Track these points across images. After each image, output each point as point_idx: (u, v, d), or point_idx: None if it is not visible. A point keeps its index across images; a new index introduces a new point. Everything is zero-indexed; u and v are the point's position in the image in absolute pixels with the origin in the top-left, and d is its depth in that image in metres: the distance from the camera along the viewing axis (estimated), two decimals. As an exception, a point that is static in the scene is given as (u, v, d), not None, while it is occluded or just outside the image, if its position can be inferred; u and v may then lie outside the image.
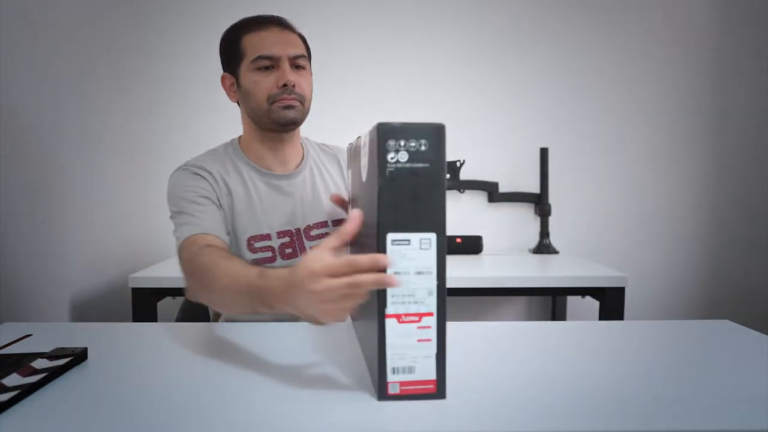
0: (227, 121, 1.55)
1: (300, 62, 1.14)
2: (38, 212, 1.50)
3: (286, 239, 1.14)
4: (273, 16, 1.16)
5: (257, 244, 1.12)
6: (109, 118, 1.99)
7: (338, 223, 1.18)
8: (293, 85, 1.11)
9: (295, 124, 1.14)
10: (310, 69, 1.19)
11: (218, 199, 1.11)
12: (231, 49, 1.15)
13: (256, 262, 1.08)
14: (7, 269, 1.32)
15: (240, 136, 1.22)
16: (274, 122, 1.12)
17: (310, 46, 1.20)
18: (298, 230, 1.16)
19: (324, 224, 1.18)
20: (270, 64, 1.11)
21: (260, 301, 0.75)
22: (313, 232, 1.17)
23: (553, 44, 2.28)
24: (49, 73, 1.55)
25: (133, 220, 2.18)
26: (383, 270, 0.64)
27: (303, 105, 1.14)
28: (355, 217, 0.71)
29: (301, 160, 1.21)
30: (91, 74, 1.83)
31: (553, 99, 2.29)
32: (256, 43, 1.11)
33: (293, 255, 1.14)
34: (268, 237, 1.13)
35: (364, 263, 0.63)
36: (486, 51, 2.28)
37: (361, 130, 1.12)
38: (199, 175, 1.12)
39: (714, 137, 2.31)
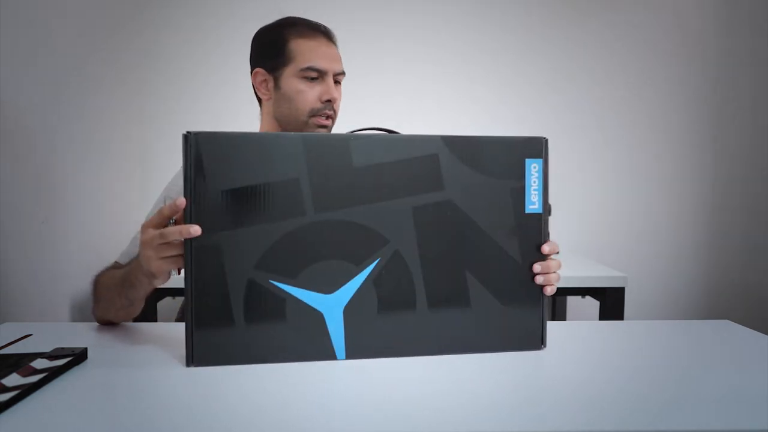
0: (228, 123, 1.55)
1: (339, 78, 1.17)
2: (38, 212, 1.50)
3: None
4: (320, 25, 1.18)
5: None
6: (109, 119, 1.99)
7: None
8: (333, 102, 1.15)
9: None
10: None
11: None
12: (274, 49, 1.15)
13: None
14: (7, 269, 1.31)
15: None
16: None
17: None
18: None
19: None
20: (317, 76, 1.13)
21: (130, 283, 0.86)
22: None
23: (555, 43, 2.28)
24: (49, 73, 1.55)
25: (134, 220, 2.18)
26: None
27: (333, 122, 1.18)
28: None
29: None
30: (91, 74, 1.82)
31: (553, 99, 2.29)
32: (306, 52, 1.13)
33: None
34: None
35: (165, 210, 0.76)
36: (486, 49, 2.28)
37: (356, 126, 1.13)
38: (178, 184, 1.14)
39: (715, 137, 2.31)
